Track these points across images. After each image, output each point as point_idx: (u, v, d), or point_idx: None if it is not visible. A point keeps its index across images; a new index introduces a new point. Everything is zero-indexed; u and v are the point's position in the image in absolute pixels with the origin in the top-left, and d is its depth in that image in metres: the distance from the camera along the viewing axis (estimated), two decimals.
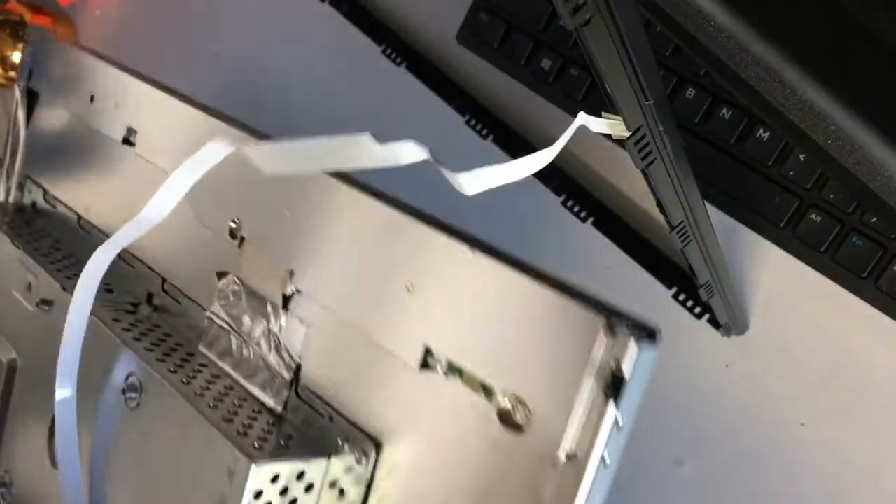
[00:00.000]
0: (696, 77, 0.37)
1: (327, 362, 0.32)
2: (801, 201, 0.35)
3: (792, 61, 0.23)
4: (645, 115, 0.22)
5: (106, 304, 0.39)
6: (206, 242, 0.36)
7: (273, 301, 0.34)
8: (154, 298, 0.40)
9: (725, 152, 0.37)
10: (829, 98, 0.24)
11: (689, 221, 0.28)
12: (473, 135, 0.43)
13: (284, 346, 0.34)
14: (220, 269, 0.36)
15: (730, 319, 0.35)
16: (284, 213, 0.33)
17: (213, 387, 0.35)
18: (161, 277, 0.39)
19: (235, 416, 0.33)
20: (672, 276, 0.37)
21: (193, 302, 0.37)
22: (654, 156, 0.23)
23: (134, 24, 0.60)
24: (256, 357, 0.35)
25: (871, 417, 0.34)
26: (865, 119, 0.24)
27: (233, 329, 0.36)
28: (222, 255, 0.36)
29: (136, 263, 0.41)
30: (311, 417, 0.32)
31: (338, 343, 0.32)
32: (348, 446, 0.30)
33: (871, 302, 0.34)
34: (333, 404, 0.32)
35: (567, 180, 0.41)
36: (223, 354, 0.36)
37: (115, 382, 0.36)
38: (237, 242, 0.35)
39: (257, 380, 0.35)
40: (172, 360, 0.36)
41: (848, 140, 0.25)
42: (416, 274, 0.29)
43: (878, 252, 0.33)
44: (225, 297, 0.36)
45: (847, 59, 0.22)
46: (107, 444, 0.37)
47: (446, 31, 0.45)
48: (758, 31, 0.23)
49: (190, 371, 0.36)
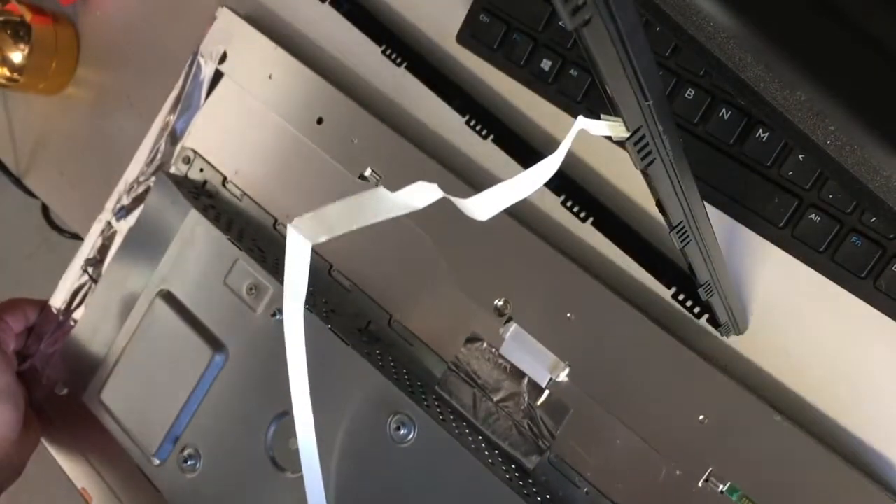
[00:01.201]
0: (695, 77, 0.37)
1: (586, 443, 0.36)
2: (801, 201, 0.35)
3: (791, 62, 0.23)
4: (644, 115, 0.22)
5: (349, 332, 0.41)
6: (462, 307, 0.40)
7: (536, 380, 0.38)
8: (370, 327, 0.43)
9: (725, 152, 0.37)
10: (828, 98, 0.24)
11: (689, 221, 0.28)
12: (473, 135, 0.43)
13: (541, 418, 0.38)
14: (473, 335, 0.40)
15: (729, 319, 0.35)
16: (568, 315, 0.38)
17: (471, 436, 0.38)
18: (388, 314, 0.42)
19: (505, 472, 0.36)
20: (671, 276, 0.37)
21: (428, 347, 0.41)
22: (653, 156, 0.23)
23: (135, 25, 0.60)
24: (503, 417, 0.39)
25: (869, 417, 0.34)
26: (865, 119, 0.24)
27: (476, 385, 0.39)
28: (478, 323, 0.40)
29: (355, 291, 0.43)
30: (561, 483, 0.37)
31: (600, 430, 0.36)
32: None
33: (871, 302, 0.34)
34: (590, 479, 0.36)
35: (566, 180, 0.41)
36: (461, 403, 0.40)
37: (378, 416, 0.38)
38: (503, 319, 0.39)
39: (507, 438, 0.39)
40: (427, 399, 0.39)
41: (847, 140, 0.25)
42: (712, 411, 0.34)
43: (877, 252, 0.34)
44: (472, 357, 0.40)
45: (846, 59, 0.22)
46: (361, 472, 0.38)
47: (446, 32, 0.45)
48: (757, 31, 0.23)
49: (446, 414, 0.39)
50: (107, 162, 0.61)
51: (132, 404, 0.45)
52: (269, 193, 0.47)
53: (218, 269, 0.44)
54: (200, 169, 0.50)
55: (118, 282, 0.49)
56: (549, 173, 0.24)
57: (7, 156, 0.69)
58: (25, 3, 0.62)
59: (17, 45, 0.62)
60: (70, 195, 0.65)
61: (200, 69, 0.51)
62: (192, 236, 0.45)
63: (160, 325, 0.45)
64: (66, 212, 0.66)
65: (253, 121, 0.48)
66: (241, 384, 0.42)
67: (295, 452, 0.39)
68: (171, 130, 0.52)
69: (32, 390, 0.53)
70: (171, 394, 0.44)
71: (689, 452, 0.34)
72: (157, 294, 0.46)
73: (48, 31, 0.62)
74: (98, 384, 0.47)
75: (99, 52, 0.63)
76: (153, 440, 0.44)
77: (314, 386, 0.35)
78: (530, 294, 0.39)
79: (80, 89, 0.65)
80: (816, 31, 0.22)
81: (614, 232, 0.39)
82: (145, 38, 0.60)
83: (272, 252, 0.46)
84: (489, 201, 0.24)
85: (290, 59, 0.47)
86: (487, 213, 0.25)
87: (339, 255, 0.44)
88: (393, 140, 0.43)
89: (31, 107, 0.68)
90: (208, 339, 0.43)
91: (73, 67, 0.64)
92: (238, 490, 0.42)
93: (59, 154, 0.66)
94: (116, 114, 0.61)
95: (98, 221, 0.54)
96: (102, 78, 0.63)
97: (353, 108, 0.45)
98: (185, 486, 0.43)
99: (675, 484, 0.34)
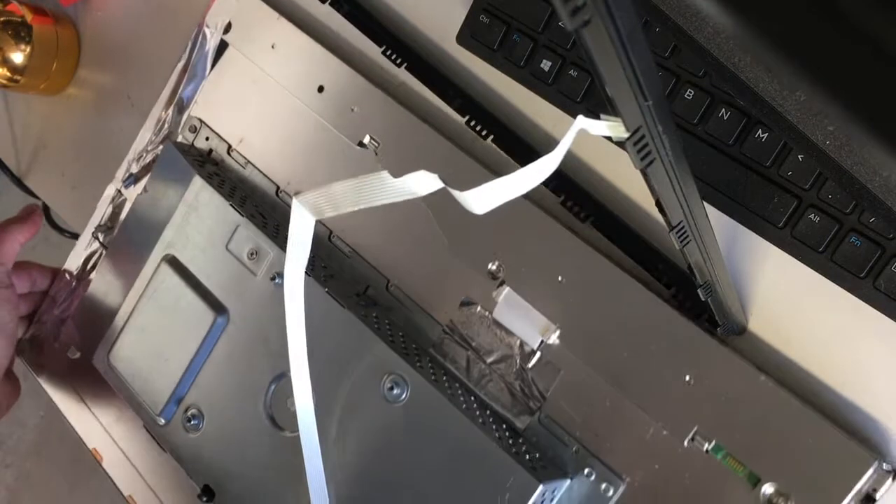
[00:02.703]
0: (694, 77, 0.37)
1: (575, 403, 0.37)
2: (800, 201, 0.35)
3: (790, 62, 0.23)
4: (644, 115, 0.22)
5: (347, 296, 0.42)
6: (457, 271, 0.41)
7: (527, 343, 0.39)
8: (368, 291, 0.44)
9: (724, 152, 0.37)
10: (827, 99, 0.24)
11: (689, 221, 0.28)
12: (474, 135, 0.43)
13: (532, 380, 0.39)
14: (467, 299, 0.41)
15: (728, 319, 0.35)
16: (559, 279, 0.38)
17: (462, 396, 0.39)
18: (386, 278, 0.43)
19: (495, 431, 0.37)
20: (670, 276, 0.38)
21: (424, 311, 0.42)
22: (653, 156, 0.23)
23: (135, 25, 0.61)
24: (496, 378, 0.40)
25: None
26: (864, 120, 0.24)
27: (469, 347, 0.40)
28: (472, 287, 0.41)
29: (354, 257, 0.45)
30: (551, 443, 0.38)
31: (590, 392, 0.37)
32: (595, 476, 0.37)
33: (870, 302, 0.34)
34: (579, 438, 0.37)
35: (565, 180, 0.41)
36: (455, 365, 0.41)
37: (372, 376, 0.39)
38: (495, 283, 0.40)
39: (499, 399, 0.40)
40: (420, 360, 0.40)
41: (846, 140, 0.25)
42: (698, 372, 0.35)
43: (876, 252, 0.34)
44: (466, 320, 0.41)
45: (846, 60, 0.22)
46: (357, 430, 0.39)
47: (446, 32, 0.45)
48: (756, 32, 0.23)
49: (439, 375, 0.40)
50: (107, 162, 0.62)
51: (139, 366, 0.46)
52: (272, 161, 0.48)
53: (220, 235, 0.45)
54: (206, 137, 0.51)
55: (127, 247, 0.50)
56: (548, 170, 0.24)
57: (8, 156, 0.69)
58: (26, 4, 0.62)
59: (18, 45, 0.62)
60: (71, 195, 0.65)
61: (206, 39, 0.51)
62: (196, 202, 0.46)
63: (165, 290, 0.46)
64: (67, 212, 0.66)
65: (257, 90, 0.49)
66: (242, 346, 0.44)
67: (293, 412, 0.40)
68: (178, 100, 0.53)
69: (45, 354, 0.55)
70: (175, 356, 0.45)
71: (675, 412, 0.35)
72: (163, 259, 0.47)
73: (49, 32, 0.62)
74: (107, 347, 0.48)
75: (100, 52, 0.63)
76: (158, 401, 0.45)
77: (312, 348, 0.36)
78: (523, 258, 0.39)
79: (81, 89, 0.65)
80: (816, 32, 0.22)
81: (614, 232, 0.39)
82: (146, 39, 0.60)
83: (273, 218, 0.47)
84: (487, 195, 0.25)
85: (293, 29, 0.48)
86: (485, 207, 0.25)
87: (339, 222, 0.45)
88: (391, 108, 0.44)
89: (32, 107, 0.68)
90: (211, 302, 0.45)
91: (73, 68, 0.64)
92: (239, 448, 0.43)
93: (60, 154, 0.66)
94: (117, 114, 0.62)
95: (109, 188, 0.56)
96: (103, 78, 0.63)
97: (352, 76, 0.45)
98: (189, 444, 0.45)
99: (662, 443, 0.35)
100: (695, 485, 0.34)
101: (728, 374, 0.34)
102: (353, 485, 0.39)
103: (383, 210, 0.37)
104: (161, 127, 0.53)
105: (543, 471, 0.35)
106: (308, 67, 0.47)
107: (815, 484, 0.32)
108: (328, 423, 0.39)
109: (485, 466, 0.35)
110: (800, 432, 0.32)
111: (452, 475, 0.36)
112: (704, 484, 0.34)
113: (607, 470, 0.36)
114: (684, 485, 0.34)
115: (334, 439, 0.39)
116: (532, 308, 0.39)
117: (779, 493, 0.33)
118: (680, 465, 0.35)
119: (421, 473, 0.37)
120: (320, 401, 0.39)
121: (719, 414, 0.34)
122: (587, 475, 0.37)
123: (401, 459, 0.37)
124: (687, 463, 0.34)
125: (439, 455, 0.36)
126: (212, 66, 0.51)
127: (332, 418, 0.39)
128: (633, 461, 0.36)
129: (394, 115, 0.44)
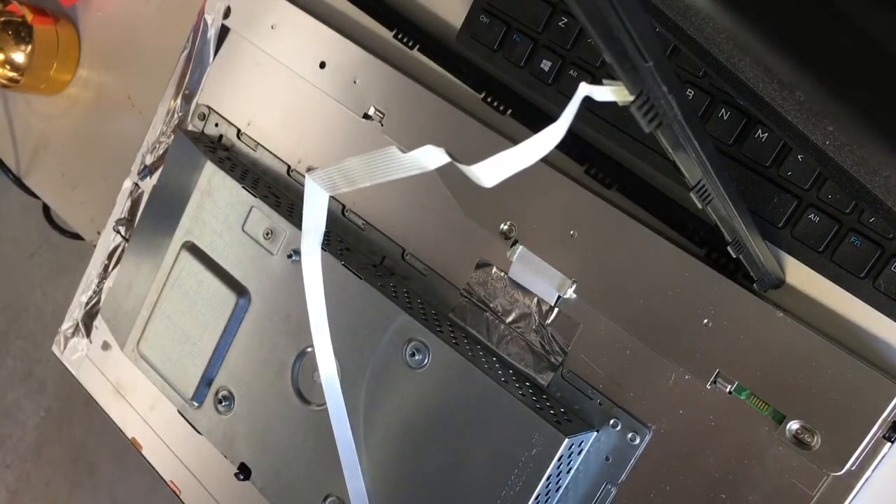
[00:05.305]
0: (694, 78, 0.37)
1: (596, 356, 0.38)
2: (800, 201, 0.35)
3: (790, 62, 0.23)
4: (645, 77, 0.21)
5: (363, 267, 0.43)
6: (470, 235, 0.42)
7: (545, 299, 0.39)
8: (385, 262, 0.45)
9: (724, 153, 0.37)
10: (827, 99, 0.24)
11: (708, 179, 0.27)
12: None
13: (551, 336, 0.39)
14: (483, 261, 0.41)
15: (763, 274, 0.35)
16: (571, 233, 0.39)
17: (484, 358, 0.39)
18: (401, 248, 0.44)
19: (518, 389, 0.37)
20: (702, 236, 0.37)
21: (441, 277, 0.43)
22: (660, 118, 0.23)
23: (135, 25, 0.61)
24: (516, 337, 0.40)
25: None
26: (863, 120, 0.24)
27: (488, 309, 0.41)
28: (487, 249, 0.41)
29: (368, 229, 0.45)
30: (575, 397, 0.38)
31: (610, 343, 0.38)
32: (621, 426, 0.37)
33: (870, 301, 0.34)
34: (603, 391, 0.37)
35: (587, 147, 0.41)
36: (475, 328, 0.41)
37: (394, 344, 0.40)
38: (508, 243, 0.40)
39: (521, 358, 0.40)
40: (441, 325, 0.41)
41: (846, 140, 0.25)
42: (716, 314, 0.35)
43: (876, 252, 0.34)
44: (483, 282, 0.41)
45: (845, 60, 0.22)
46: (383, 398, 0.40)
47: (446, 33, 0.45)
48: (756, 32, 0.23)
49: (460, 338, 0.40)
50: (108, 162, 0.62)
51: (168, 353, 0.48)
52: (281, 141, 0.49)
53: (236, 217, 0.46)
54: (216, 124, 0.52)
55: (146, 238, 0.51)
56: (555, 139, 0.24)
57: (8, 156, 0.69)
58: (27, 4, 0.62)
59: (19, 45, 0.62)
60: (71, 195, 0.65)
61: (208, 26, 0.52)
62: (210, 187, 0.47)
63: (187, 276, 0.47)
64: (67, 212, 0.66)
65: (261, 72, 0.50)
66: (265, 325, 0.45)
67: (319, 385, 0.41)
68: (185, 89, 0.54)
69: (79, 351, 0.57)
70: (202, 340, 0.46)
71: (696, 356, 0.35)
72: (182, 246, 0.48)
73: (49, 32, 0.62)
74: (136, 337, 0.49)
75: (100, 52, 0.63)
76: (190, 385, 0.46)
77: (332, 320, 0.37)
78: (534, 216, 0.40)
79: (81, 89, 0.65)
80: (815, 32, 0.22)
81: (641, 196, 0.39)
82: (146, 39, 0.60)
83: (287, 197, 0.47)
84: (495, 168, 0.25)
85: (290, 7, 0.48)
86: (493, 179, 0.25)
87: (351, 196, 0.46)
88: (392, 76, 0.44)
89: (32, 107, 0.68)
90: (232, 284, 0.46)
91: (73, 68, 0.64)
92: (270, 425, 0.44)
93: (61, 154, 0.66)
94: (117, 114, 0.62)
95: (126, 182, 0.57)
96: (103, 78, 0.63)
97: (352, 49, 0.46)
98: (222, 425, 0.46)
99: (685, 388, 0.35)
100: (720, 427, 0.35)
101: (746, 314, 0.34)
102: (382, 452, 0.40)
103: (394, 180, 0.37)
104: (171, 117, 0.54)
105: (568, 424, 0.36)
106: (308, 44, 0.47)
107: (840, 416, 0.32)
108: (354, 392, 0.40)
109: (510, 424, 0.36)
110: (822, 366, 0.33)
111: (479, 435, 0.37)
112: (730, 426, 0.34)
113: (633, 419, 0.37)
114: (710, 428, 0.35)
115: (362, 408, 0.40)
116: (547, 264, 0.39)
117: (804, 428, 0.33)
118: (704, 408, 0.35)
119: (448, 436, 0.38)
120: (345, 372, 0.40)
121: (740, 355, 0.34)
122: (613, 426, 0.37)
123: (428, 424, 0.38)
124: (711, 406, 0.35)
125: (465, 416, 0.37)
126: (215, 52, 0.52)
127: (357, 388, 0.40)
128: (657, 409, 0.36)
129: (395, 83, 0.44)
